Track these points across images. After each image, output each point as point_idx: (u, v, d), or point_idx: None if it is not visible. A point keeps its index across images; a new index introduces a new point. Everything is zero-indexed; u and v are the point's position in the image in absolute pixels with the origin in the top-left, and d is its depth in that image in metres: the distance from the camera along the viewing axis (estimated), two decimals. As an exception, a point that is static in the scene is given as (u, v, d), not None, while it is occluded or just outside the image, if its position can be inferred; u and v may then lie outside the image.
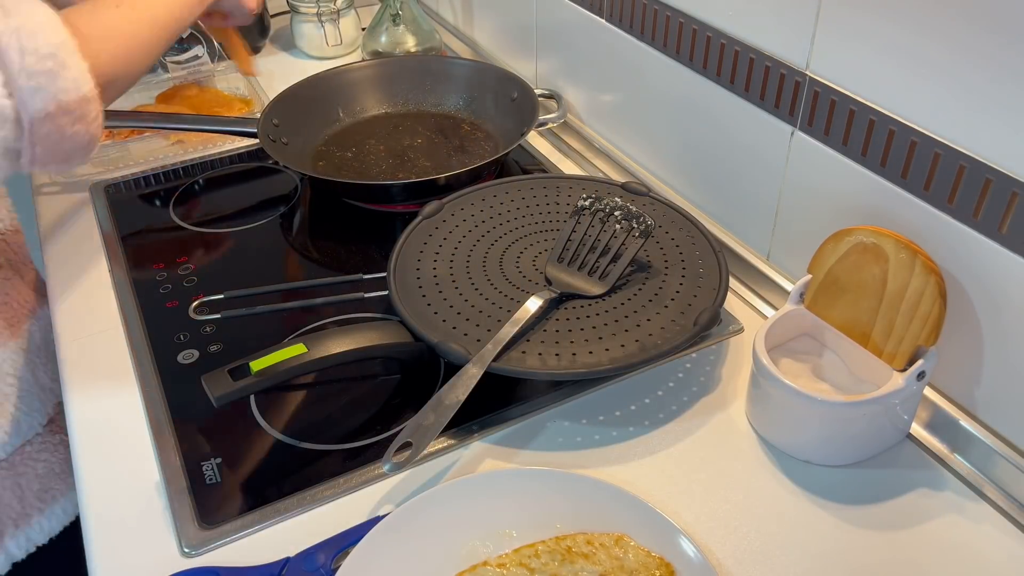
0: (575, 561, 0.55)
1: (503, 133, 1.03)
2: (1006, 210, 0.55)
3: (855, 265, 0.62)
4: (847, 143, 0.66)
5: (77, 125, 0.63)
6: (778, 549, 0.58)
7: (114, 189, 0.98)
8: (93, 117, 0.64)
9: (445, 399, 0.61)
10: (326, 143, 1.03)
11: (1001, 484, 0.61)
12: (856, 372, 0.65)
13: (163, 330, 0.77)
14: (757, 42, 0.72)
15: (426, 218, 0.81)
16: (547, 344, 0.67)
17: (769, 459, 0.64)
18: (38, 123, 0.60)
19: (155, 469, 0.64)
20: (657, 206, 0.82)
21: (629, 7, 0.87)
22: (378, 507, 0.61)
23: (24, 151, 0.61)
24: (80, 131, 0.63)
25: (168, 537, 0.59)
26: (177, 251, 0.87)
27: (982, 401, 0.63)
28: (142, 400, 0.70)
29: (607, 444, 0.66)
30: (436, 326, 0.69)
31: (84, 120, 0.63)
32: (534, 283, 0.74)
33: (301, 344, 0.63)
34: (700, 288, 0.72)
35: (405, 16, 1.21)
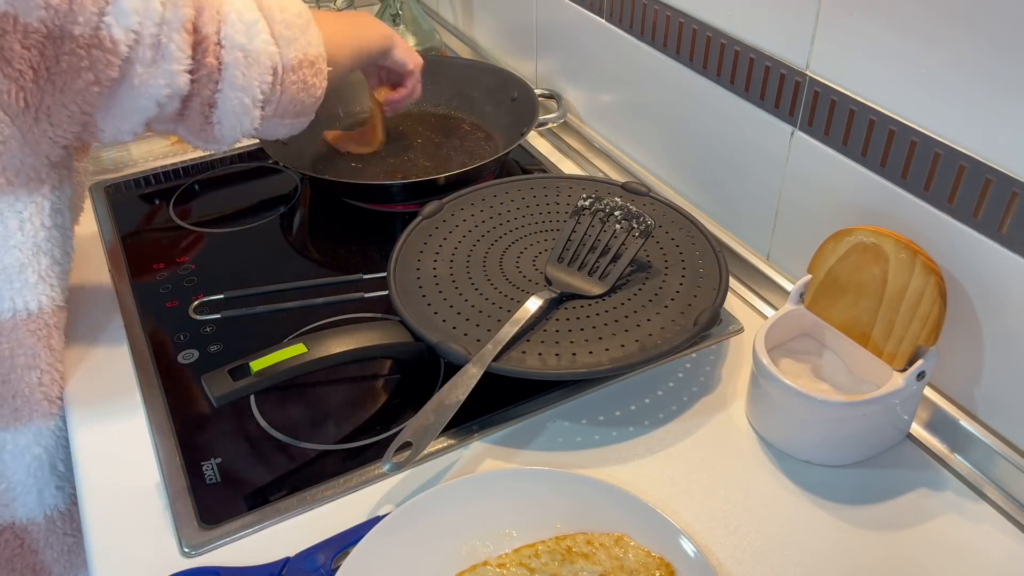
0: (575, 561, 0.55)
1: (503, 133, 1.03)
2: (1006, 210, 0.55)
3: (855, 265, 0.62)
4: (847, 143, 0.66)
5: (315, 79, 0.71)
6: (778, 549, 0.58)
7: (114, 189, 0.98)
8: (324, 75, 0.72)
9: (445, 399, 0.61)
10: (326, 143, 1.03)
11: (1001, 484, 0.61)
12: (856, 372, 0.65)
13: (163, 330, 0.77)
14: (757, 42, 0.72)
15: (426, 218, 0.81)
16: (547, 344, 0.67)
17: (769, 459, 0.64)
18: (289, 71, 0.68)
19: (155, 469, 0.64)
20: (657, 206, 0.82)
21: (629, 7, 0.87)
22: (378, 507, 0.61)
23: (271, 100, 0.68)
24: (316, 85, 0.71)
25: (168, 537, 0.59)
26: (177, 251, 0.87)
27: (982, 401, 0.63)
28: (142, 400, 0.70)
29: (607, 444, 0.66)
30: (436, 326, 0.69)
31: (320, 75, 0.71)
32: (534, 283, 0.74)
33: (301, 344, 0.63)
34: (700, 288, 0.72)
35: (405, 16, 1.21)
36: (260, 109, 0.67)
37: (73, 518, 0.77)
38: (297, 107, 0.70)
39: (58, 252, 0.70)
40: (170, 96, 0.63)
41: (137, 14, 0.59)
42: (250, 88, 0.65)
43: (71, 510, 0.76)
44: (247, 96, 0.65)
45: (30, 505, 0.73)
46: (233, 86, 0.64)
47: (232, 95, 0.65)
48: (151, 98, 0.62)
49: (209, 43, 0.63)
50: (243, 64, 0.64)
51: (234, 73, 0.64)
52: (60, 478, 0.74)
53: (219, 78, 0.64)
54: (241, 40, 0.64)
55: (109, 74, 0.59)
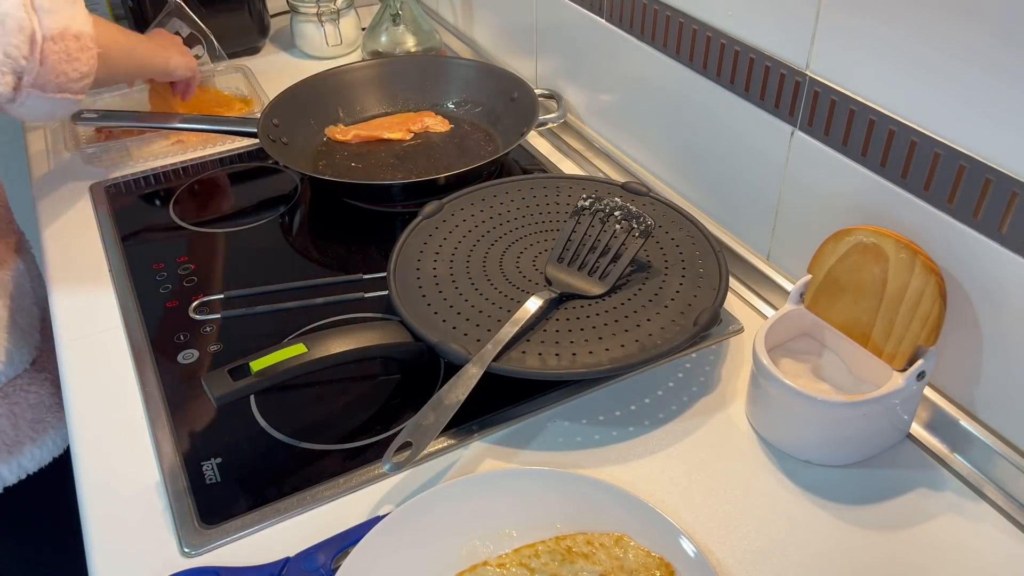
0: (575, 561, 0.55)
1: (503, 133, 1.03)
2: (1006, 210, 0.55)
3: (855, 265, 0.62)
4: (847, 143, 0.66)
5: (81, 53, 0.73)
6: (778, 549, 0.58)
7: (114, 189, 0.98)
8: (93, 53, 0.75)
9: (445, 399, 0.61)
10: (326, 143, 1.03)
11: (1001, 484, 0.61)
12: (856, 372, 0.65)
13: (163, 330, 0.77)
14: (757, 42, 0.72)
15: (426, 218, 0.81)
16: (547, 344, 0.67)
17: (769, 459, 0.64)
18: (50, 40, 0.70)
19: (155, 469, 0.64)
20: (657, 206, 0.82)
21: (629, 7, 0.87)
22: (378, 507, 0.61)
23: (28, 70, 0.70)
24: (81, 60, 0.74)
25: (168, 537, 0.59)
26: (177, 251, 0.87)
27: (982, 401, 0.63)
28: (142, 400, 0.70)
29: (607, 444, 0.66)
30: (436, 326, 0.69)
31: (87, 51, 0.74)
32: (534, 283, 0.74)
33: (301, 344, 0.63)
34: (700, 288, 0.72)
35: (405, 16, 1.21)
36: (12, 76, 0.68)
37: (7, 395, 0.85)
38: (61, 79, 0.72)
39: None
40: None
41: None
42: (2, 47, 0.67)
43: None
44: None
45: None
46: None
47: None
48: None
49: None
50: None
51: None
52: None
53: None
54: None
55: None
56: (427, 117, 1.07)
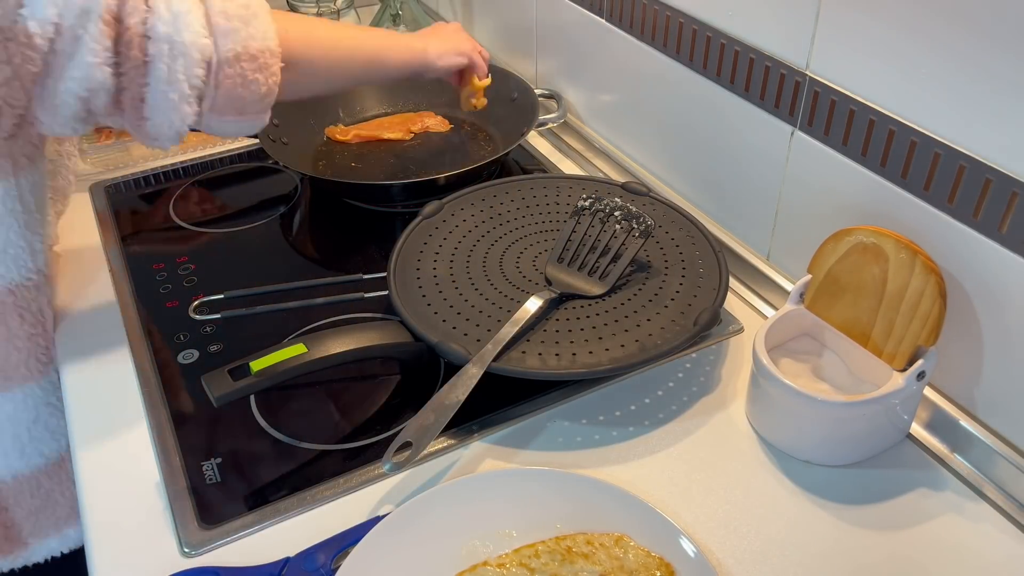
0: (575, 561, 0.55)
1: (503, 133, 1.03)
2: (1006, 210, 0.55)
3: (855, 265, 0.62)
4: (847, 143, 0.66)
5: (258, 74, 0.66)
6: (778, 549, 0.58)
7: (114, 189, 0.98)
8: (273, 71, 0.67)
9: (445, 399, 0.61)
10: (326, 143, 1.03)
11: (1001, 484, 0.61)
12: (856, 372, 0.65)
13: (163, 330, 0.77)
14: (757, 42, 0.72)
15: (426, 218, 0.81)
16: (547, 344, 0.67)
17: (769, 459, 0.64)
18: (225, 63, 0.64)
19: (155, 469, 0.64)
20: (657, 206, 0.82)
21: (629, 7, 0.87)
22: (378, 507, 0.61)
23: (207, 95, 0.64)
24: (259, 80, 0.66)
25: (168, 537, 0.59)
26: (177, 251, 0.87)
27: (982, 401, 0.63)
28: (142, 400, 0.70)
29: (607, 444, 0.66)
30: (436, 326, 0.69)
31: (265, 71, 0.66)
32: (534, 283, 0.74)
33: (301, 344, 0.63)
34: (700, 288, 0.72)
35: (405, 16, 1.21)
36: (194, 105, 0.64)
37: (40, 484, 0.80)
38: (237, 103, 0.66)
39: (13, 235, 0.69)
40: (92, 90, 0.61)
41: (55, 6, 0.57)
42: (176, 83, 0.62)
43: (36, 476, 0.79)
44: (174, 91, 0.62)
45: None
46: (159, 79, 0.62)
47: (159, 89, 0.62)
48: (70, 92, 0.60)
49: (133, 35, 0.60)
50: (168, 56, 0.61)
51: (159, 67, 0.61)
52: (23, 445, 0.76)
53: (146, 72, 0.61)
54: (167, 31, 0.61)
55: (29, 68, 0.58)
56: (427, 117, 1.06)
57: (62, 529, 0.84)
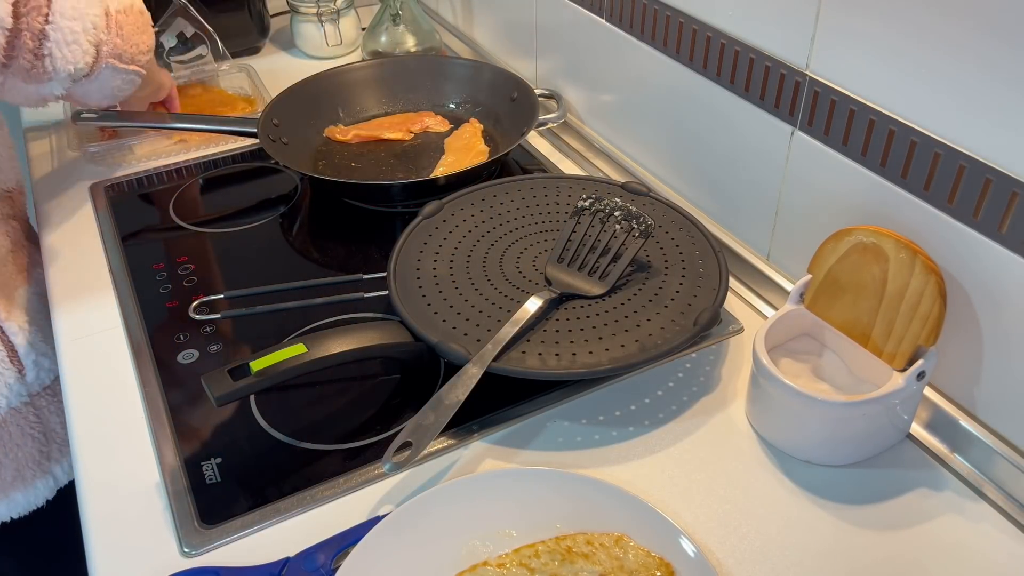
0: (575, 561, 0.55)
1: (503, 133, 1.03)
2: (1006, 210, 0.55)
3: (855, 265, 0.62)
4: (847, 143, 0.66)
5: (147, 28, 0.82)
6: (778, 549, 0.58)
7: (114, 189, 0.98)
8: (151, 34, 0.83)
9: (445, 399, 0.61)
10: (326, 143, 1.03)
11: (1001, 484, 0.61)
12: (856, 372, 0.65)
13: (163, 330, 0.77)
14: (757, 42, 0.72)
15: (426, 218, 0.81)
16: (547, 344, 0.67)
17: (769, 459, 0.64)
18: (120, 13, 0.76)
19: (155, 469, 0.64)
20: (657, 206, 0.82)
21: (629, 7, 0.87)
22: (378, 507, 0.61)
23: (107, 41, 0.75)
24: (148, 34, 0.81)
25: (168, 537, 0.59)
26: (177, 251, 0.87)
27: (982, 401, 0.63)
28: (142, 400, 0.70)
29: (607, 444, 0.66)
30: (436, 326, 0.69)
31: (149, 28, 0.82)
32: (534, 283, 0.74)
33: (301, 344, 0.63)
34: (700, 288, 0.72)
35: (405, 16, 1.21)
36: (94, 46, 0.72)
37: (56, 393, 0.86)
38: (134, 49, 0.77)
39: None
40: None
41: None
42: (82, 18, 0.70)
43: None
44: (79, 24, 0.70)
45: None
46: (64, 15, 0.69)
47: (64, 23, 0.69)
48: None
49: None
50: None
51: (64, 4, 0.68)
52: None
53: (48, 10, 0.68)
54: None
55: None
56: (427, 117, 1.07)
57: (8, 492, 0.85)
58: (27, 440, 0.84)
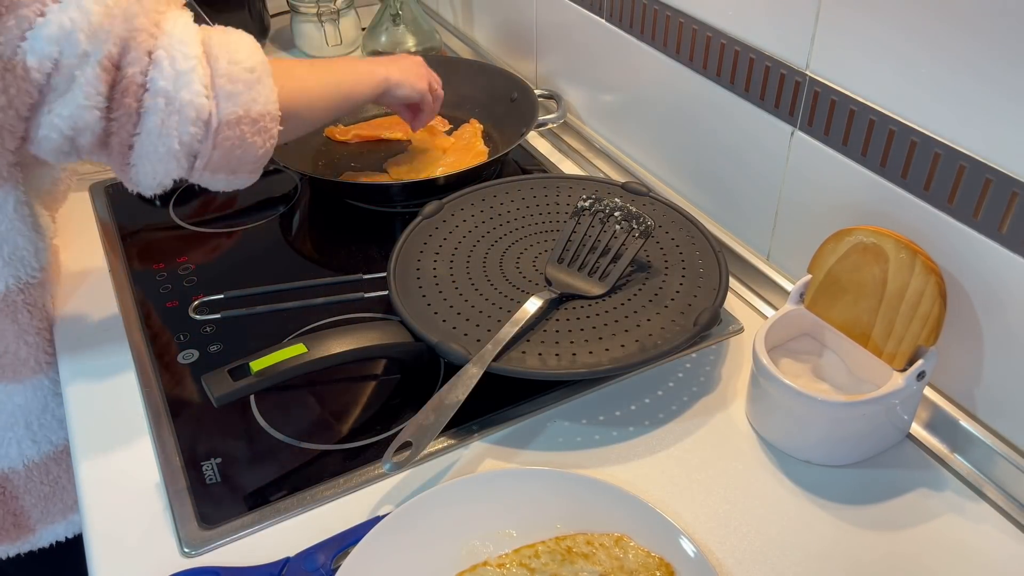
0: (575, 561, 0.55)
1: (503, 133, 1.03)
2: (1006, 210, 0.55)
3: (855, 265, 0.62)
4: (847, 143, 0.66)
5: (257, 136, 0.67)
6: (778, 549, 0.58)
7: (114, 189, 0.98)
8: (272, 134, 0.68)
9: (445, 399, 0.61)
10: (326, 143, 1.03)
11: (1001, 484, 0.61)
12: (856, 372, 0.65)
13: (163, 330, 0.77)
14: (757, 42, 0.72)
15: (426, 218, 0.81)
16: (547, 344, 0.67)
17: (769, 459, 0.64)
18: (225, 126, 0.64)
19: (155, 469, 0.64)
20: (657, 206, 0.82)
21: (629, 7, 0.87)
22: (378, 507, 0.61)
23: (202, 154, 0.65)
24: (257, 143, 0.67)
25: (168, 537, 0.59)
26: (177, 251, 0.87)
27: (982, 401, 0.63)
28: (142, 400, 0.70)
29: (607, 444, 0.66)
30: (436, 326, 0.69)
31: (263, 134, 0.67)
32: (534, 283, 0.74)
33: (301, 344, 0.63)
34: (700, 288, 0.72)
35: (405, 16, 1.21)
36: (184, 161, 0.65)
37: (49, 471, 0.82)
38: (233, 163, 0.67)
39: (21, 240, 0.71)
40: (77, 130, 0.61)
41: (57, 44, 0.58)
42: (168, 137, 0.63)
43: (45, 463, 0.81)
44: (163, 145, 0.63)
45: (11, 456, 0.79)
46: (151, 132, 0.62)
47: (149, 141, 0.63)
48: (55, 128, 0.61)
49: (131, 84, 0.61)
50: (163, 111, 0.62)
51: (152, 119, 0.62)
52: (34, 433, 0.78)
53: (138, 121, 0.62)
54: (165, 86, 0.62)
55: (24, 100, 0.59)
56: None
57: (68, 515, 0.86)
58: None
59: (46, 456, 0.81)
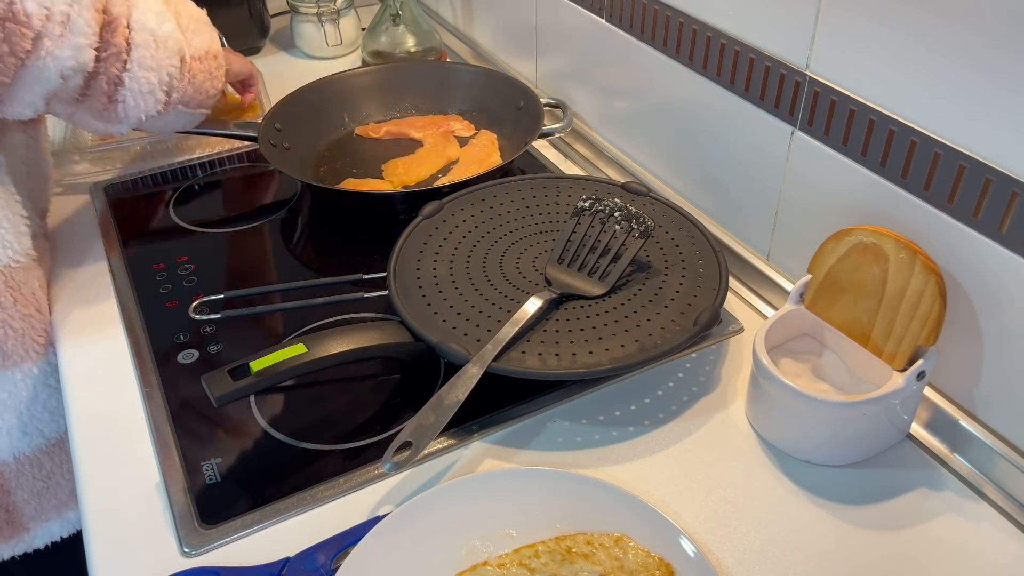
0: (575, 561, 0.55)
1: (507, 140, 1.02)
2: (1006, 210, 0.55)
3: (855, 265, 0.62)
4: (847, 143, 0.66)
5: (218, 71, 0.80)
6: (778, 549, 0.58)
7: (114, 189, 0.98)
8: (223, 72, 0.82)
9: (445, 399, 0.61)
10: (329, 148, 1.03)
11: (1001, 484, 0.61)
12: (856, 372, 0.65)
13: (163, 330, 0.77)
14: (757, 42, 0.72)
15: (426, 218, 0.81)
16: (547, 344, 0.67)
17: (769, 459, 0.64)
18: (195, 60, 0.76)
19: (155, 469, 0.64)
20: (657, 206, 0.82)
21: (629, 7, 0.87)
22: (378, 507, 0.61)
23: (176, 87, 0.75)
24: (218, 77, 0.80)
25: (168, 537, 0.59)
26: (177, 251, 0.87)
27: (982, 401, 0.63)
28: (142, 400, 0.70)
29: (607, 444, 0.66)
30: (436, 326, 0.69)
31: (221, 69, 0.80)
32: (534, 283, 0.74)
33: (301, 344, 0.63)
34: (700, 288, 0.72)
35: (405, 16, 1.21)
36: (166, 93, 0.73)
37: (41, 465, 0.82)
38: (201, 96, 0.78)
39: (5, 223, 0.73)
40: (75, 69, 0.67)
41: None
42: (159, 69, 0.71)
43: (37, 457, 0.82)
44: (155, 76, 0.71)
45: (1, 448, 0.80)
46: (143, 65, 0.70)
47: (141, 74, 0.70)
48: (55, 70, 0.66)
49: (119, 24, 0.68)
50: (152, 46, 0.70)
51: (143, 54, 0.70)
52: (24, 424, 0.79)
53: (127, 58, 0.69)
54: (151, 24, 0.70)
55: (23, 45, 0.64)
56: (454, 121, 1.06)
57: (63, 512, 0.86)
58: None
59: (38, 450, 0.81)
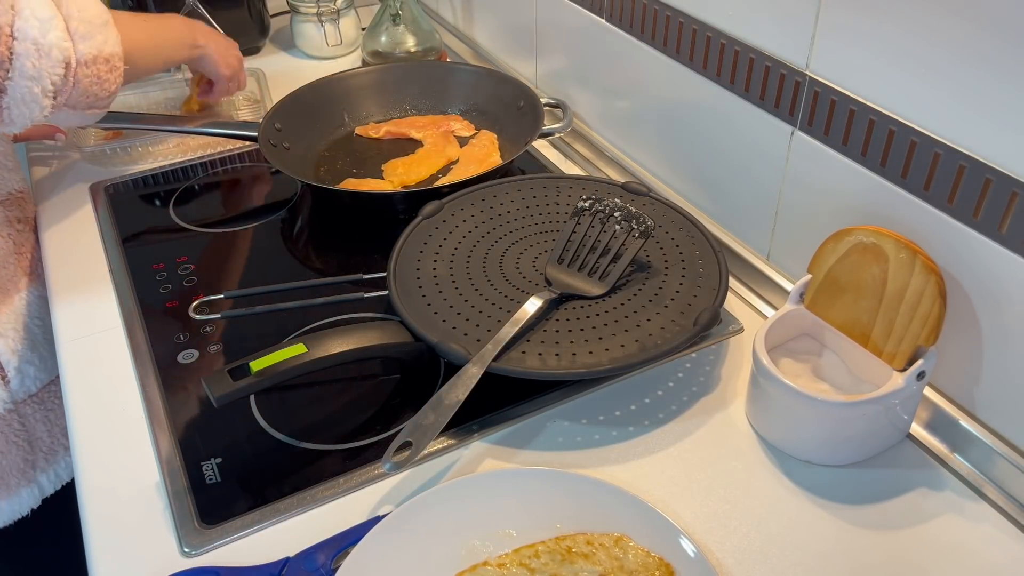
0: (575, 561, 0.55)
1: (508, 140, 1.02)
2: (1006, 210, 0.55)
3: (855, 265, 0.62)
4: (847, 143, 0.66)
5: (110, 74, 0.77)
6: (778, 549, 0.58)
7: (114, 189, 0.98)
8: (120, 73, 0.79)
9: (445, 399, 0.61)
10: (329, 148, 1.03)
11: (1001, 484, 0.61)
12: (856, 372, 0.65)
13: (163, 330, 0.77)
14: (757, 42, 0.72)
15: (426, 218, 0.81)
16: (547, 344, 0.67)
17: (769, 459, 0.64)
18: (82, 65, 0.74)
19: (155, 469, 0.64)
20: (657, 206, 0.82)
21: (629, 7, 0.87)
22: (378, 507, 0.61)
23: (62, 91, 0.73)
24: (110, 80, 0.78)
25: (168, 537, 0.59)
26: (177, 251, 0.87)
27: (982, 401, 0.63)
28: (142, 400, 0.70)
29: (607, 444, 0.66)
30: (436, 326, 0.69)
31: (115, 72, 0.78)
32: (534, 283, 0.74)
33: (301, 344, 0.63)
34: (700, 288, 0.72)
35: (405, 16, 1.21)
36: (51, 99, 0.72)
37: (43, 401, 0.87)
38: (90, 99, 0.76)
39: None
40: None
41: None
42: (40, 78, 0.70)
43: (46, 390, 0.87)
44: (37, 85, 0.70)
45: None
46: (24, 75, 0.69)
47: (22, 83, 0.70)
48: None
49: (1, 34, 0.68)
50: (34, 55, 0.69)
51: (25, 63, 0.69)
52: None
53: (9, 67, 0.69)
54: (34, 34, 0.69)
55: None
56: (454, 121, 1.06)
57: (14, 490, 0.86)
58: (11, 448, 0.84)
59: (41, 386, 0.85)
